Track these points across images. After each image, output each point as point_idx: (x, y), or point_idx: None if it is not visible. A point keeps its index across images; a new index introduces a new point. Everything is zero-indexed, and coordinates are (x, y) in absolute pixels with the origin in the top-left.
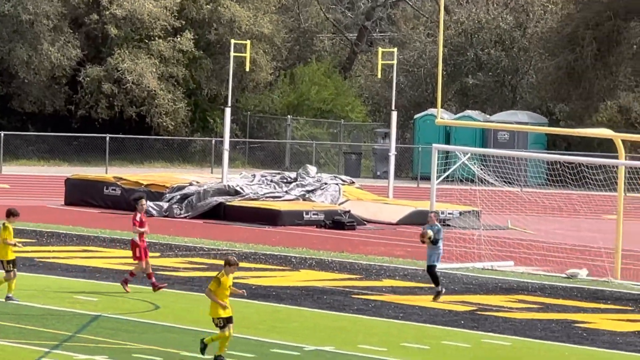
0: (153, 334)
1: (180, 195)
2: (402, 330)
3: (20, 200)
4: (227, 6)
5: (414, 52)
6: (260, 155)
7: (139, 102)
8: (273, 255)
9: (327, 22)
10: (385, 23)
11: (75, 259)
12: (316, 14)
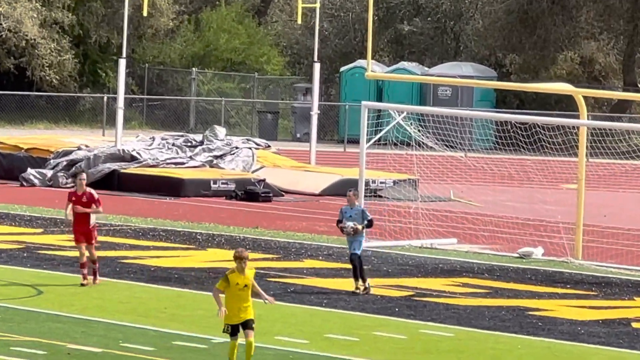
0: (35, 323)
1: (67, 161)
2: (326, 319)
3: None
4: None
5: None
6: (160, 115)
7: (18, 53)
8: (175, 232)
9: None
10: None
11: None
12: None
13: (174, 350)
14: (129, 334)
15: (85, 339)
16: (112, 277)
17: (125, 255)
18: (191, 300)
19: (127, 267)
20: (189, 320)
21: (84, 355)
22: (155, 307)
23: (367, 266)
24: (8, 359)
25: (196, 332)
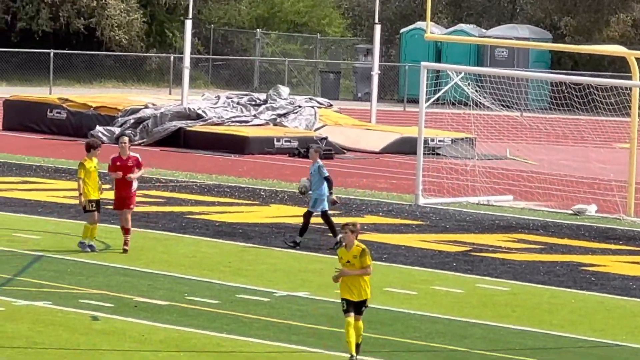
0: (103, 277)
1: (135, 119)
2: (386, 273)
3: None
4: None
5: None
6: (225, 74)
7: (88, 14)
8: (240, 188)
9: None
10: None
11: (15, 192)
12: None
13: (237, 303)
14: (194, 287)
15: (151, 292)
16: (178, 232)
17: (191, 210)
18: (255, 254)
19: (192, 223)
20: (253, 274)
21: (150, 308)
22: (219, 262)
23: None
24: (77, 311)
25: (259, 285)
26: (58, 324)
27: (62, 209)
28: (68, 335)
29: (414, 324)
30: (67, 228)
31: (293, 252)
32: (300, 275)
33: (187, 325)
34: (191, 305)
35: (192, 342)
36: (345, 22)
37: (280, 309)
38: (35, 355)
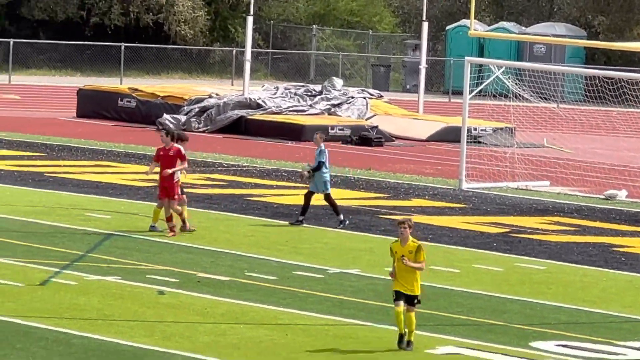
0: (169, 254)
1: (199, 108)
2: (431, 252)
3: (30, 112)
4: None
5: None
6: (283, 67)
7: (156, 9)
8: (296, 173)
9: None
10: None
11: (88, 174)
12: None
13: (293, 279)
14: (253, 264)
15: (213, 268)
16: (239, 213)
17: (251, 193)
18: (310, 234)
19: (252, 204)
20: (308, 253)
21: (212, 283)
22: (277, 241)
23: (468, 205)
24: (144, 285)
25: (314, 263)
26: (126, 297)
27: (131, 191)
28: (136, 308)
29: (457, 299)
30: (136, 208)
31: (345, 232)
32: (352, 253)
33: (246, 300)
34: (250, 280)
35: (251, 315)
36: (395, 19)
37: (333, 285)
38: (106, 326)
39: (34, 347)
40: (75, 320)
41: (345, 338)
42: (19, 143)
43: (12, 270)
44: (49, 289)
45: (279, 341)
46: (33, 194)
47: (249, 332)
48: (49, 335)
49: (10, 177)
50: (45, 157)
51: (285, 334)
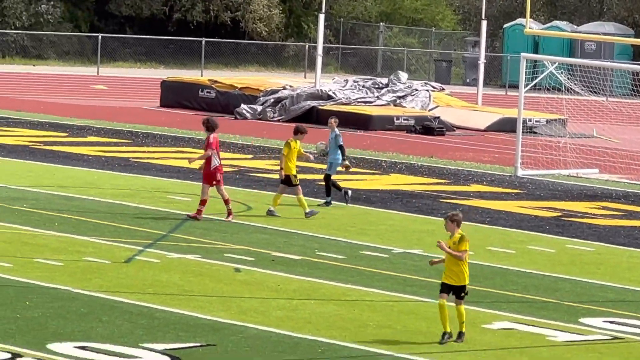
0: (245, 235)
1: (274, 98)
2: (488, 234)
3: (117, 101)
4: None
5: None
6: (352, 61)
7: (234, 8)
8: (364, 159)
9: None
10: None
11: (170, 160)
12: None
13: (360, 259)
14: (323, 244)
15: (287, 248)
16: (310, 196)
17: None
18: (376, 217)
19: (323, 189)
20: (374, 234)
21: (285, 262)
22: (346, 222)
23: (523, 191)
24: (222, 263)
25: (379, 243)
26: (205, 274)
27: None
28: (214, 284)
29: (512, 278)
30: (214, 192)
31: (409, 214)
32: (415, 235)
33: (317, 277)
34: (321, 259)
35: (321, 291)
36: (456, 18)
37: (398, 264)
38: (186, 300)
39: (119, 320)
40: (157, 295)
41: (408, 313)
42: (107, 130)
43: (99, 248)
44: (133, 266)
45: (347, 316)
46: (119, 178)
47: (319, 307)
48: (133, 309)
49: (98, 162)
50: (131, 143)
51: (353, 309)
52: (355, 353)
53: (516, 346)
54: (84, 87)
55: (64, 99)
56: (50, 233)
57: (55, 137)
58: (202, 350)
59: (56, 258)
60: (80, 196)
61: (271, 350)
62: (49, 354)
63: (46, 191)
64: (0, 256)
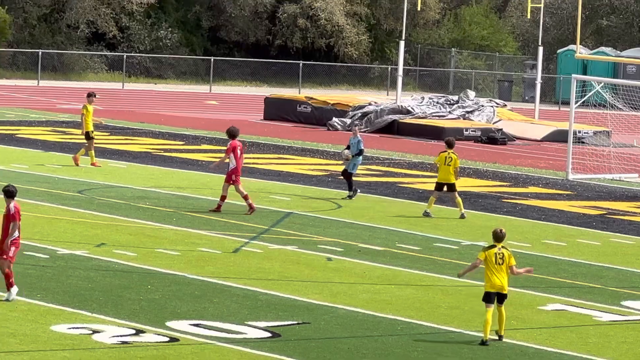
0: (335, 229)
1: (361, 113)
2: (543, 229)
3: (226, 114)
4: None
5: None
6: (428, 81)
7: (328, 35)
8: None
9: None
10: None
11: (272, 165)
12: None
13: (434, 250)
14: (402, 237)
15: (371, 240)
16: (392, 196)
17: (401, 181)
18: (448, 214)
19: (402, 190)
20: (446, 228)
21: (370, 252)
22: (422, 218)
23: (573, 192)
24: (316, 253)
25: (450, 237)
26: (302, 263)
27: (307, 178)
28: (309, 271)
29: (563, 267)
30: (310, 192)
31: (475, 212)
32: (481, 230)
33: (396, 265)
34: (400, 250)
35: (400, 277)
36: (516, 44)
37: (466, 254)
38: (285, 285)
39: (227, 302)
40: (260, 280)
41: (475, 296)
42: (217, 140)
43: (211, 240)
44: (240, 255)
45: (422, 298)
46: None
47: (398, 291)
48: (240, 292)
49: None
50: None
51: (427, 292)
52: (429, 330)
53: (566, 325)
54: (198, 103)
55: (181, 112)
56: (168, 227)
57: (173, 145)
58: (298, 328)
59: (174, 248)
60: (195, 196)
61: (357, 328)
62: (168, 330)
63: (166, 191)
64: (126, 247)
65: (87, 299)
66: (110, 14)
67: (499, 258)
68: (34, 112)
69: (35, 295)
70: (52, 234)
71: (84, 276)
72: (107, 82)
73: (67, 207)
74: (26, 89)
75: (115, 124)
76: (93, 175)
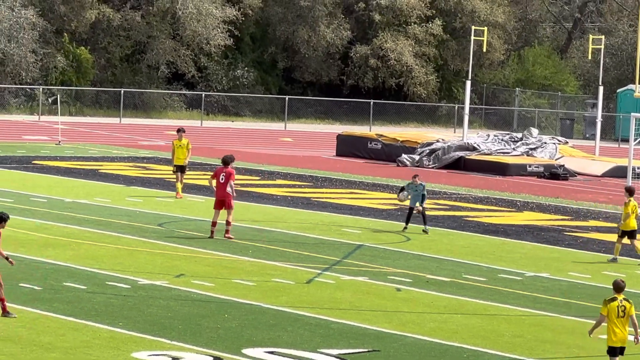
0: (404, 261)
1: (429, 149)
2: (602, 260)
3: (300, 151)
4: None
5: (618, 38)
6: (493, 119)
7: (398, 75)
8: (502, 199)
9: (548, 13)
10: (595, 15)
11: (344, 199)
12: (540, 6)
13: (498, 280)
14: (468, 268)
15: (438, 271)
16: (458, 229)
17: (467, 214)
18: (512, 246)
19: (468, 223)
20: (510, 260)
21: (437, 283)
22: (487, 251)
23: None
24: (386, 284)
25: (514, 268)
26: (372, 293)
27: (377, 212)
28: (379, 301)
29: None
30: (380, 226)
31: (538, 244)
32: (543, 261)
33: (462, 295)
34: (466, 281)
35: (466, 307)
36: (578, 84)
37: (529, 285)
38: (356, 314)
39: (301, 330)
40: (332, 310)
41: (537, 325)
42: (292, 175)
43: (285, 271)
44: (313, 286)
45: (487, 327)
46: (302, 214)
47: (464, 320)
48: (313, 321)
49: (284, 201)
50: (312, 185)
51: (492, 322)
52: (494, 358)
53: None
54: (273, 139)
55: (257, 149)
56: (244, 259)
57: (249, 180)
58: (368, 355)
59: (250, 279)
60: (270, 228)
61: (425, 355)
62: (244, 357)
63: (242, 224)
64: (204, 277)
65: (167, 327)
66: (189, 54)
67: (621, 311)
68: (116, 148)
69: (117, 323)
70: (133, 265)
71: (163, 305)
72: (186, 119)
73: (147, 239)
74: (108, 126)
75: (193, 160)
76: (172, 209)
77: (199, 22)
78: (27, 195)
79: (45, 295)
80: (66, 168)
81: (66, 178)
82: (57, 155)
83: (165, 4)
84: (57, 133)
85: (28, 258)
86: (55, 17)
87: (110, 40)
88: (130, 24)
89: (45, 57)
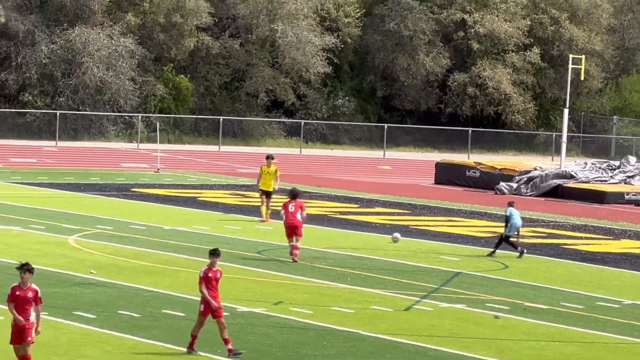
0: (502, 288)
1: (527, 177)
2: None
3: (399, 179)
4: (567, 28)
5: None
6: (591, 147)
7: (496, 103)
8: (600, 227)
9: None
10: None
11: (442, 227)
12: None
13: (596, 308)
14: (566, 296)
15: (536, 299)
16: (556, 257)
17: (565, 242)
18: (609, 274)
19: (566, 251)
20: (608, 288)
21: (535, 310)
22: (585, 278)
23: None
24: (484, 311)
25: (612, 295)
26: (470, 320)
27: (475, 240)
28: (477, 328)
29: None
30: (478, 253)
31: (637, 272)
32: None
33: (561, 323)
34: (564, 309)
35: (563, 334)
36: None
37: (627, 312)
38: (453, 342)
39: (399, 357)
40: (431, 337)
41: (636, 354)
42: (391, 203)
43: (384, 298)
44: (411, 313)
45: (584, 355)
46: (401, 242)
47: (562, 348)
48: (411, 349)
49: (383, 228)
50: (410, 213)
51: (590, 349)
52: None
53: None
54: (372, 167)
55: (356, 177)
56: (343, 286)
57: (348, 208)
58: None
59: (348, 306)
60: (368, 256)
61: None
62: None
63: (341, 252)
64: (302, 304)
65: (265, 354)
66: (289, 82)
67: None
68: (215, 176)
69: (216, 350)
70: (233, 292)
71: (262, 333)
72: (285, 147)
73: (246, 267)
74: (207, 154)
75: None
76: (271, 237)
77: (298, 50)
78: (126, 222)
79: (144, 322)
80: (165, 196)
81: (165, 206)
82: (156, 182)
83: (264, 32)
84: (156, 161)
85: (127, 285)
86: (154, 45)
87: (210, 68)
88: (229, 51)
89: (144, 85)
